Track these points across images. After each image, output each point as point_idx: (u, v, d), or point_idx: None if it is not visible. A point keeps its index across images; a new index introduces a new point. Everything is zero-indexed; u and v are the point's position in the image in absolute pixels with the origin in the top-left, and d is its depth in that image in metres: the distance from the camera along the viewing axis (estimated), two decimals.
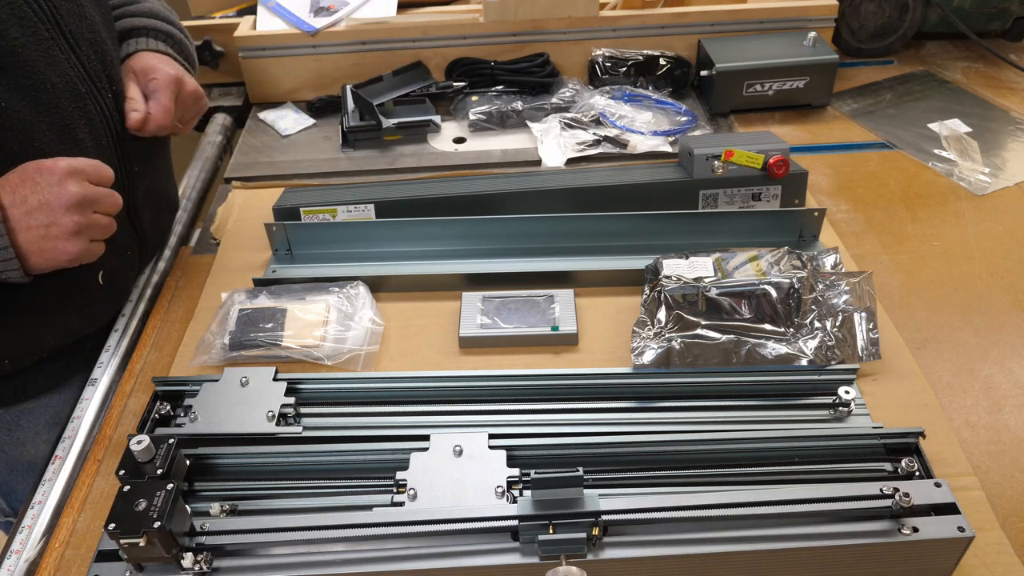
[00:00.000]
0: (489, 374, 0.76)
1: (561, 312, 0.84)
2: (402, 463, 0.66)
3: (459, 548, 0.59)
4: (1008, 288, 0.89)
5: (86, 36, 0.77)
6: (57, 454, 0.74)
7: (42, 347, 0.81)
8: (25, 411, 0.85)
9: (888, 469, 0.67)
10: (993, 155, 1.10)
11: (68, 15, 0.75)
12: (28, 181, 0.67)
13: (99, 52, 0.79)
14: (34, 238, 0.67)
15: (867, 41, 1.34)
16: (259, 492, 0.67)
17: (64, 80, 0.74)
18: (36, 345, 0.80)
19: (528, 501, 0.59)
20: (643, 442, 0.68)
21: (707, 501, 0.60)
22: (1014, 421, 0.74)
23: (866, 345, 0.78)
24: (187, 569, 0.58)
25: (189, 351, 0.84)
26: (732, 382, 0.74)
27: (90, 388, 0.81)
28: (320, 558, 0.59)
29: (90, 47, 0.77)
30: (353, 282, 0.88)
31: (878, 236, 0.97)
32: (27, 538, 0.67)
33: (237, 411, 0.71)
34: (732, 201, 0.96)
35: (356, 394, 0.74)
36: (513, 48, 1.23)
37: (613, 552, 0.58)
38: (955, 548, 0.59)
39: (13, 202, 0.66)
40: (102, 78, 0.79)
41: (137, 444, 0.61)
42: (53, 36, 0.73)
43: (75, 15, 0.76)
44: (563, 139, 1.11)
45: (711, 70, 1.17)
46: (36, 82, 0.72)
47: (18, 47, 0.70)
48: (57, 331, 0.82)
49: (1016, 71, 1.29)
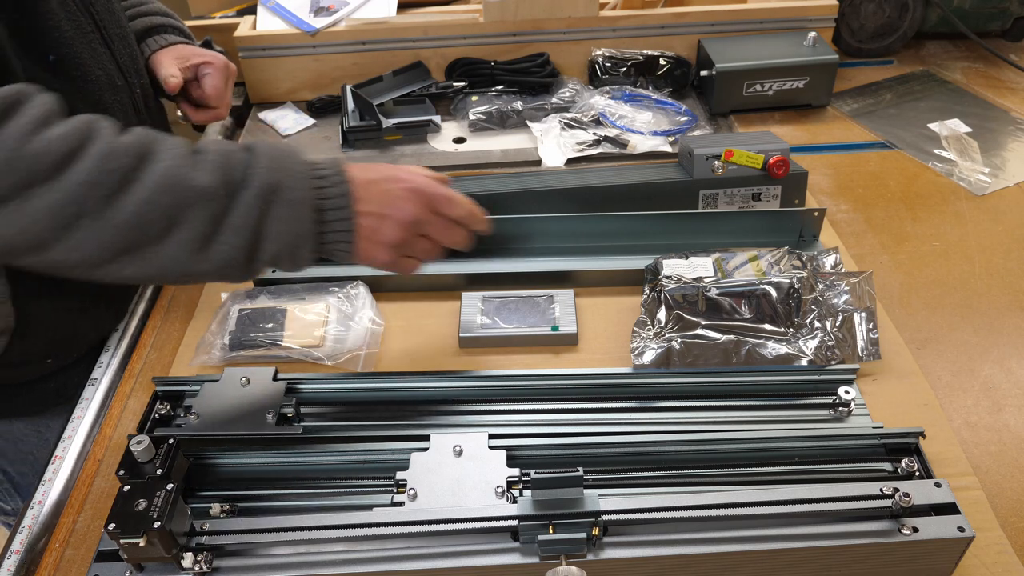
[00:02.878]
0: (489, 374, 0.77)
1: (561, 312, 0.84)
2: (402, 463, 0.66)
3: (459, 548, 0.59)
4: (1008, 288, 0.89)
5: (118, 31, 0.81)
6: (57, 454, 0.74)
7: (83, 343, 0.84)
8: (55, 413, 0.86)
9: (888, 469, 0.67)
10: (993, 155, 1.10)
11: (103, 10, 0.78)
12: (378, 184, 0.68)
13: (128, 47, 0.83)
14: (360, 236, 0.68)
15: (867, 41, 1.34)
16: (259, 492, 0.67)
17: (105, 73, 0.77)
18: (77, 341, 0.83)
19: (528, 501, 0.59)
20: (643, 442, 0.68)
21: (707, 501, 0.60)
22: (1014, 421, 0.74)
23: (866, 345, 0.78)
24: (187, 569, 0.58)
25: (189, 351, 0.84)
26: (732, 382, 0.74)
27: (90, 388, 0.81)
28: (320, 558, 0.59)
29: (121, 42, 0.82)
30: (353, 282, 0.88)
31: (878, 236, 0.97)
32: (27, 538, 0.67)
33: (237, 411, 0.71)
34: (732, 201, 0.96)
35: (356, 394, 0.74)
36: (513, 48, 1.23)
37: (613, 552, 0.58)
38: (955, 548, 0.59)
39: (359, 196, 0.67)
40: (132, 72, 0.83)
41: (137, 444, 0.61)
42: (93, 30, 0.76)
43: (107, 10, 0.80)
44: (563, 139, 1.11)
45: (711, 70, 1.17)
46: (84, 74, 0.74)
47: (70, 39, 0.73)
48: (94, 325, 0.85)
49: (1016, 71, 1.29)
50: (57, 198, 0.56)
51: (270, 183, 0.63)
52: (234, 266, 0.63)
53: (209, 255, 0.61)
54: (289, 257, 0.65)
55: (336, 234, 0.66)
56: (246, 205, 0.62)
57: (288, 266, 0.66)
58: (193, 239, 0.60)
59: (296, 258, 0.65)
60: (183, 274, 0.63)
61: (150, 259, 0.60)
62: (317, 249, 0.66)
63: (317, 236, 0.65)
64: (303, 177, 0.65)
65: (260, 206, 0.62)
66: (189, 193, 0.60)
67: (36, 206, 0.56)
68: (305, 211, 0.64)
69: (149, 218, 0.59)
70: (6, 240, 0.57)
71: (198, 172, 0.61)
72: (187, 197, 0.60)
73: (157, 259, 0.60)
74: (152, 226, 0.59)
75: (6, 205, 0.55)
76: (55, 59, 0.71)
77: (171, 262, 0.61)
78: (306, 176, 0.65)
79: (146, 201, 0.59)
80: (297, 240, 0.64)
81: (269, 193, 0.63)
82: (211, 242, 0.61)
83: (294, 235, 0.64)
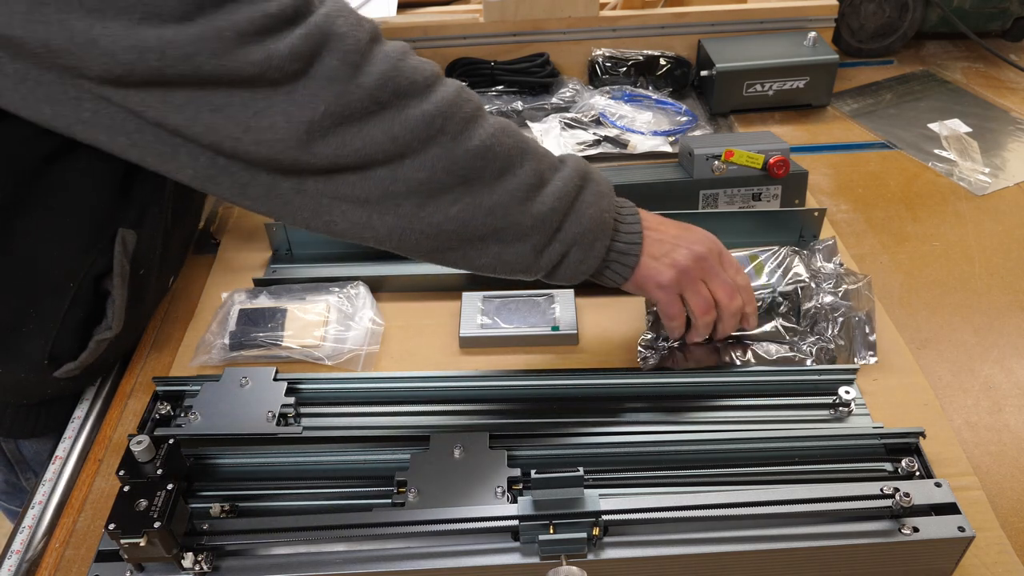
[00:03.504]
0: (489, 374, 0.77)
1: (561, 312, 0.84)
2: (402, 463, 0.66)
3: (459, 548, 0.59)
4: (1008, 288, 0.89)
5: None
6: (57, 454, 0.74)
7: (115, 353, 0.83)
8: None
9: (888, 469, 0.67)
10: (993, 155, 1.10)
11: None
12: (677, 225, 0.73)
13: None
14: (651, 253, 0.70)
15: (867, 41, 1.34)
16: (259, 492, 0.67)
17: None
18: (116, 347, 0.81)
19: (528, 501, 0.59)
20: (643, 442, 0.68)
21: (707, 501, 0.60)
22: (1014, 421, 0.74)
23: (864, 348, 0.78)
24: (188, 569, 0.58)
25: (189, 351, 0.84)
26: (732, 382, 0.74)
27: (90, 388, 0.81)
28: (320, 558, 0.59)
29: None
30: (353, 282, 0.88)
31: (878, 236, 0.97)
32: (27, 538, 0.67)
33: (237, 411, 0.71)
34: (732, 201, 0.96)
35: (356, 394, 0.74)
36: (513, 48, 1.23)
37: (614, 552, 0.58)
38: (955, 548, 0.59)
39: (651, 224, 0.71)
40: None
41: (137, 444, 0.61)
42: None
43: None
44: (563, 139, 1.11)
45: (711, 70, 1.17)
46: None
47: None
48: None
49: (1016, 71, 1.29)
50: (428, 110, 0.59)
51: (581, 170, 0.67)
52: (543, 232, 0.65)
53: (530, 208, 0.64)
54: (587, 246, 0.67)
55: (626, 246, 0.69)
56: (566, 176, 0.66)
57: (576, 263, 0.68)
58: (521, 187, 0.64)
59: (591, 250, 0.67)
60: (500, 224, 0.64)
61: (481, 198, 0.63)
62: (610, 248, 0.69)
63: (613, 234, 0.69)
64: (604, 179, 0.69)
65: (577, 182, 0.66)
66: (524, 144, 0.65)
67: (409, 115, 0.58)
68: (607, 203, 0.68)
69: (494, 152, 0.62)
70: (377, 144, 0.58)
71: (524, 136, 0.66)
72: (522, 146, 0.64)
73: (487, 199, 0.63)
74: (493, 162, 0.62)
75: (385, 110, 0.58)
76: None
77: (497, 206, 0.63)
78: (605, 179, 0.70)
79: (492, 135, 0.62)
80: (598, 229, 0.67)
81: (582, 177, 0.67)
82: (535, 195, 0.64)
83: (597, 222, 0.67)
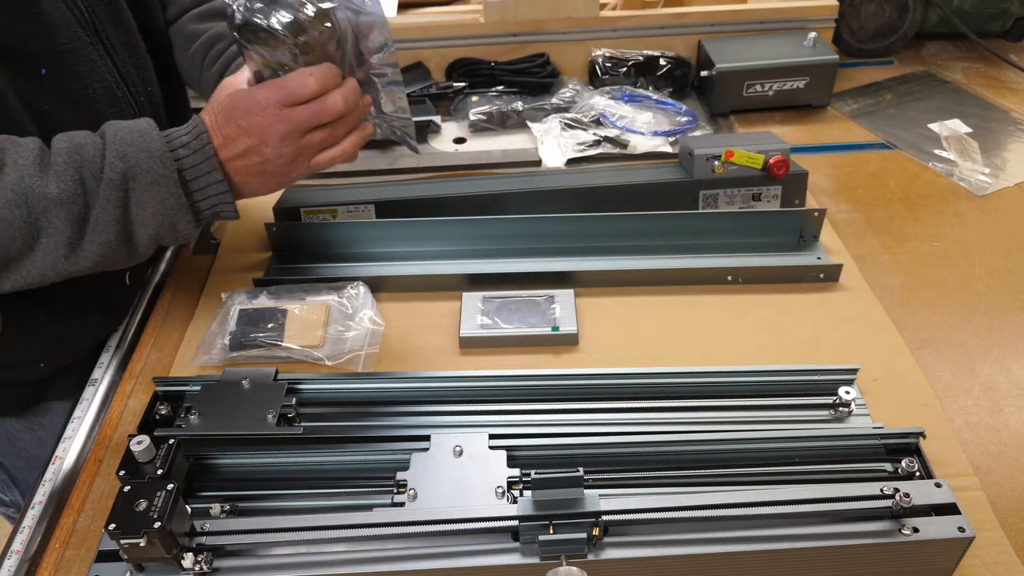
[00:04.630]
0: (489, 374, 0.76)
1: (561, 312, 0.84)
2: (402, 463, 0.66)
3: (459, 548, 0.59)
4: (1008, 288, 0.89)
5: (122, 39, 0.78)
6: (57, 454, 0.74)
7: (76, 349, 0.83)
8: (48, 410, 0.86)
9: (888, 469, 0.67)
10: (993, 155, 1.10)
11: (106, 19, 0.76)
12: (232, 123, 0.67)
13: (134, 55, 0.80)
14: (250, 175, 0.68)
15: (867, 41, 1.34)
16: (259, 492, 0.67)
17: (103, 85, 0.75)
18: (70, 347, 0.82)
19: (528, 501, 0.59)
20: (643, 442, 0.68)
21: (707, 501, 0.60)
22: (1014, 421, 0.74)
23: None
24: (187, 569, 0.58)
25: (189, 351, 0.84)
26: (732, 382, 0.74)
27: (90, 388, 0.81)
28: (320, 558, 0.59)
29: (125, 50, 0.78)
30: (353, 282, 0.88)
31: (878, 236, 0.97)
32: (27, 538, 0.67)
33: (237, 411, 0.71)
34: (732, 201, 0.96)
35: (356, 394, 0.74)
36: (513, 48, 1.23)
37: (613, 552, 0.58)
38: (955, 548, 0.59)
39: (223, 143, 0.67)
40: (136, 81, 0.80)
41: (137, 444, 0.61)
42: (92, 41, 0.74)
43: (113, 19, 0.77)
44: (563, 139, 1.11)
45: (711, 70, 1.17)
46: (78, 87, 0.72)
47: (64, 52, 0.70)
48: (88, 332, 0.84)
49: (1016, 71, 1.29)
50: None
51: (123, 171, 0.63)
52: (113, 257, 0.64)
53: (83, 254, 0.62)
54: (170, 233, 0.66)
55: (210, 199, 0.67)
56: (104, 200, 0.63)
57: (174, 241, 0.67)
58: (61, 243, 0.62)
59: (178, 232, 0.66)
60: (63, 275, 0.64)
61: (25, 271, 0.62)
62: (197, 216, 0.67)
63: (191, 206, 0.66)
64: (159, 155, 0.65)
65: (119, 197, 0.63)
66: (43, 202, 0.61)
67: None
68: (168, 188, 0.64)
69: (8, 235, 0.60)
70: None
71: (48, 180, 0.61)
72: (42, 206, 0.61)
73: (32, 269, 0.62)
74: (14, 242, 0.61)
75: None
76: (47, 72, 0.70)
77: (47, 269, 0.62)
78: (162, 152, 0.65)
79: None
80: (170, 217, 0.65)
81: (124, 182, 0.63)
82: (80, 242, 0.62)
83: (164, 214, 0.65)
